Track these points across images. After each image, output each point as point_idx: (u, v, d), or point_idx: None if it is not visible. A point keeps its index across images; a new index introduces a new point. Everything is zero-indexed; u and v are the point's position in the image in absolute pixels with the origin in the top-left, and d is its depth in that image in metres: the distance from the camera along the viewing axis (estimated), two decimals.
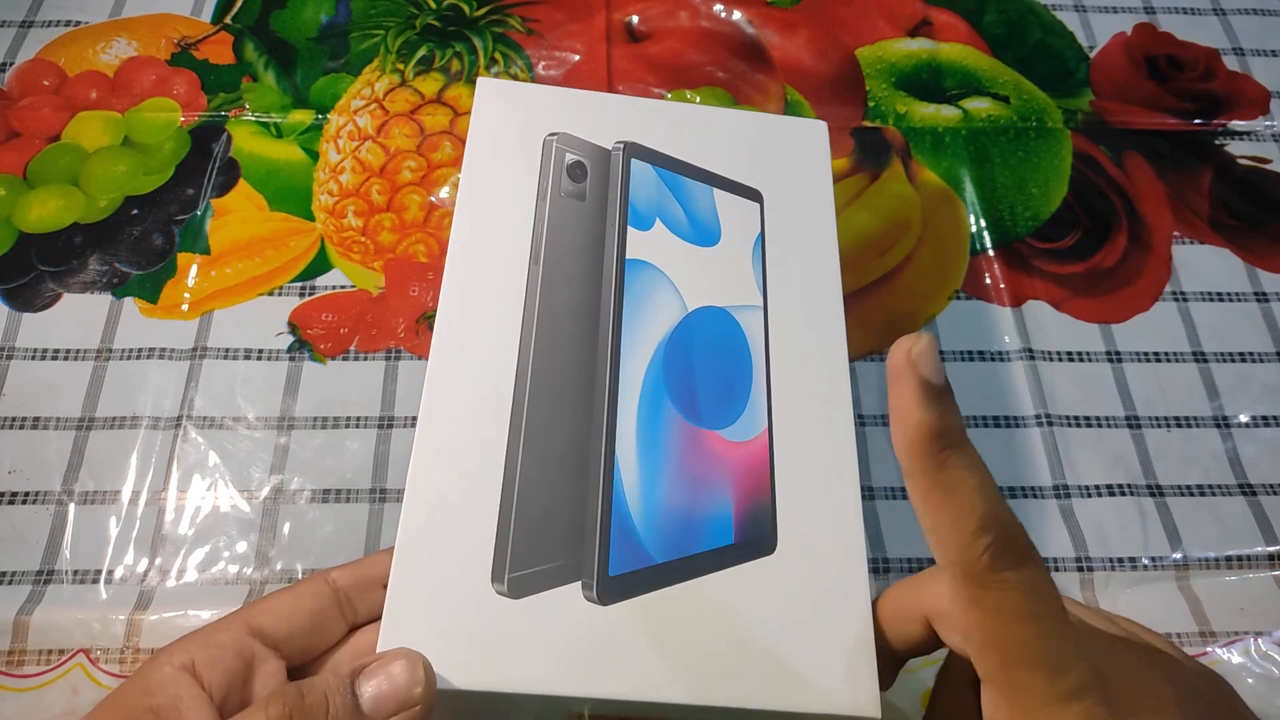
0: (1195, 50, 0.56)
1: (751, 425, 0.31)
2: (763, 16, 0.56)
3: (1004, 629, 0.23)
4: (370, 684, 0.25)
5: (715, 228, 0.34)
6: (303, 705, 0.24)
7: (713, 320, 0.32)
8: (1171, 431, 0.43)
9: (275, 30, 0.54)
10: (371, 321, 0.44)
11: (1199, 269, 0.48)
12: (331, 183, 0.48)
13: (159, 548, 0.38)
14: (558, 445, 0.29)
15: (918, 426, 0.23)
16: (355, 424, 0.42)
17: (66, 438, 0.41)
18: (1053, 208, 0.50)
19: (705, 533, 0.29)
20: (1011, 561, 0.22)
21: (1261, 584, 0.40)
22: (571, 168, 0.32)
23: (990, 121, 0.52)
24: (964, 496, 0.23)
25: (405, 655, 0.26)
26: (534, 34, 0.54)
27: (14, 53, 0.52)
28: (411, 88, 0.51)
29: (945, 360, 0.44)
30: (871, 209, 0.49)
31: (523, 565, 0.27)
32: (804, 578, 0.29)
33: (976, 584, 0.23)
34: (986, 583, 0.22)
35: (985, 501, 0.23)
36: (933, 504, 0.23)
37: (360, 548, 0.39)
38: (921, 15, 0.56)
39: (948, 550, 0.23)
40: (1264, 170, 0.52)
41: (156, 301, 0.44)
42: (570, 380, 0.30)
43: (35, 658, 0.36)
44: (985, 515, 0.22)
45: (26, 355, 0.43)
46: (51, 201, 0.47)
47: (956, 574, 0.23)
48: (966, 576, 0.23)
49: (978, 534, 0.22)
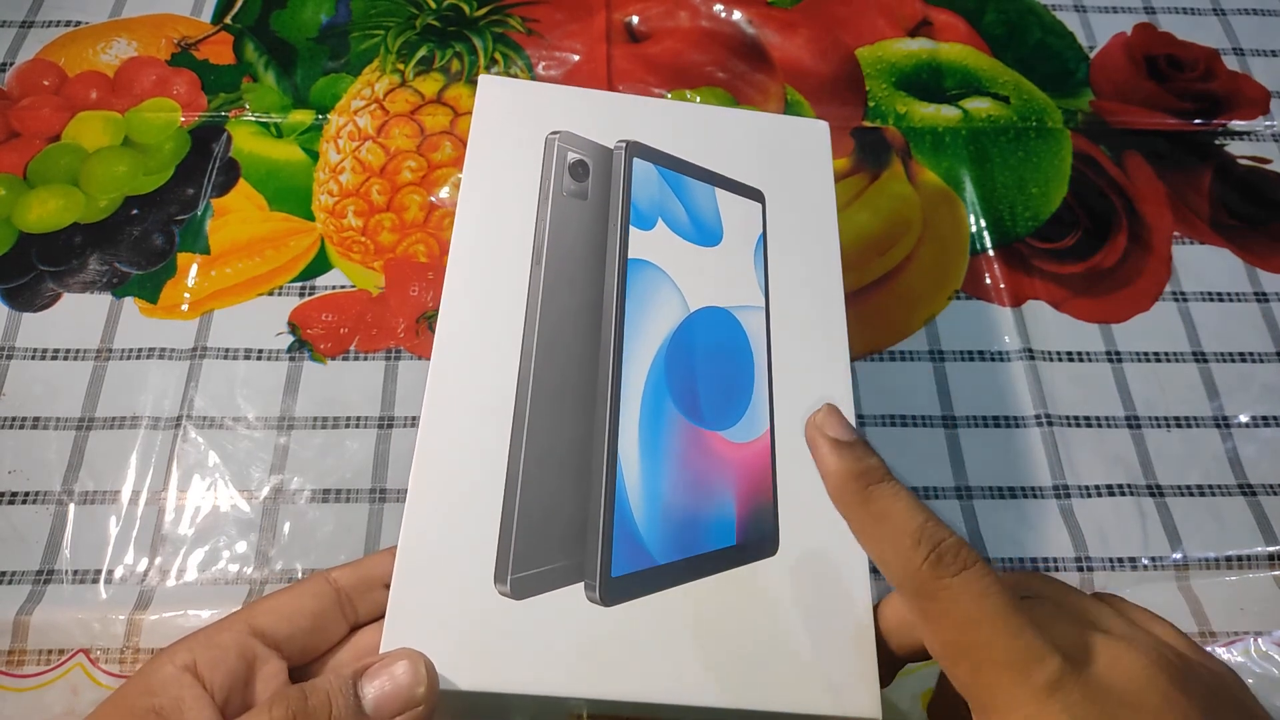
0: (1195, 50, 0.56)
1: (753, 426, 0.31)
2: (763, 16, 0.56)
3: (961, 636, 0.23)
4: (373, 685, 0.25)
5: (717, 228, 0.34)
6: (305, 707, 0.24)
7: (715, 321, 0.32)
8: (1171, 431, 0.43)
9: (275, 30, 0.54)
10: (371, 321, 0.44)
11: (1199, 269, 0.48)
12: (331, 183, 0.48)
13: (159, 548, 0.38)
14: (560, 446, 0.29)
15: (836, 475, 0.27)
16: (355, 424, 0.42)
17: (66, 438, 0.41)
18: (1053, 208, 0.50)
19: (707, 534, 0.29)
20: (953, 568, 0.24)
21: (1261, 584, 0.40)
22: (573, 166, 0.32)
23: (990, 121, 0.52)
24: (895, 521, 0.25)
25: (408, 655, 0.26)
26: (534, 34, 0.54)
27: (14, 53, 0.52)
28: (411, 88, 0.51)
29: (945, 360, 0.45)
30: (871, 209, 0.49)
31: (525, 566, 0.27)
32: (805, 579, 0.29)
33: (925, 596, 0.24)
34: (933, 593, 0.24)
35: (915, 519, 0.25)
36: (869, 536, 0.26)
37: (360, 547, 0.39)
38: (921, 15, 0.56)
39: (892, 572, 0.25)
40: (1264, 170, 0.52)
41: (156, 301, 0.44)
42: (572, 381, 0.30)
43: (35, 658, 0.36)
44: (916, 531, 0.25)
45: (26, 355, 0.43)
46: (51, 201, 0.47)
47: (906, 592, 0.25)
48: (915, 592, 0.24)
49: (913, 549, 0.24)
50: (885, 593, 0.28)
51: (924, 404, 0.43)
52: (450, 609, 0.27)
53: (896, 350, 0.45)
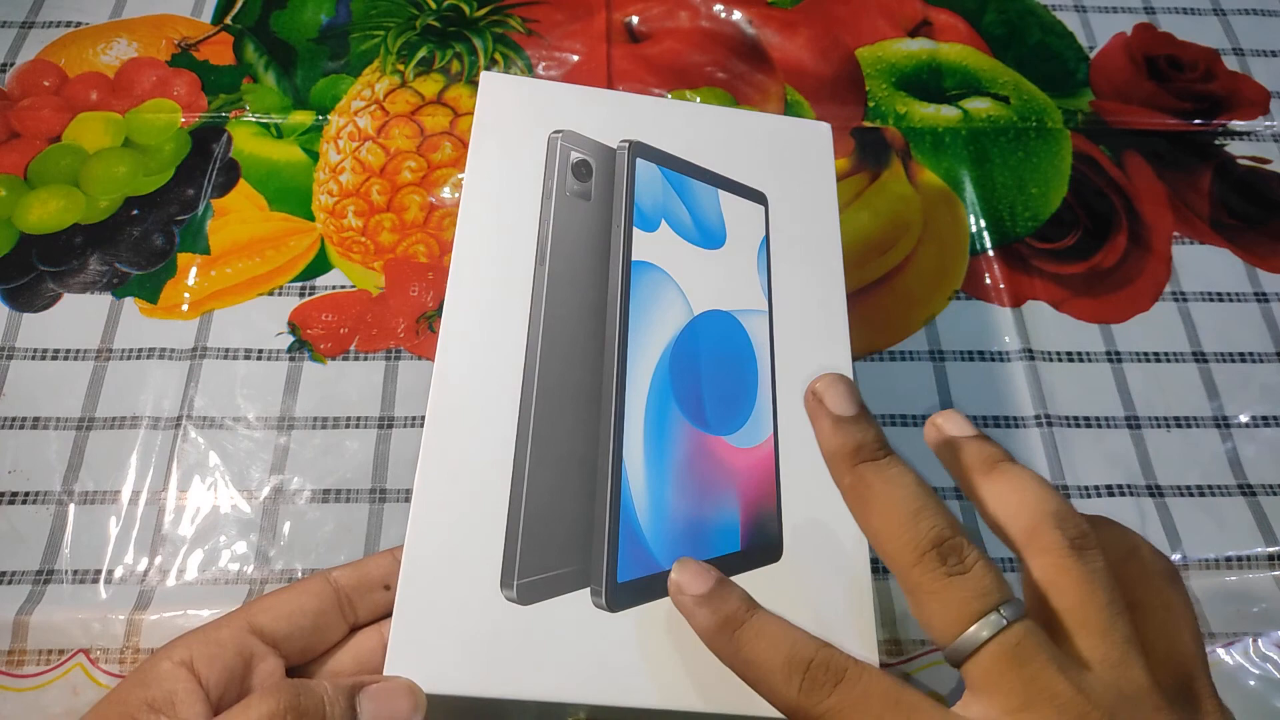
0: (1195, 50, 0.56)
1: (757, 431, 0.31)
2: (763, 17, 0.56)
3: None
4: (372, 705, 0.25)
5: (720, 230, 0.34)
6: (298, 704, 0.24)
7: (718, 325, 0.32)
8: (1171, 432, 0.43)
9: (275, 31, 0.54)
10: (371, 321, 0.44)
11: (1199, 269, 0.48)
12: (331, 183, 0.48)
13: (159, 548, 0.38)
14: (565, 450, 0.29)
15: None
16: (355, 424, 0.42)
17: (66, 438, 0.41)
18: (1053, 208, 0.50)
19: (712, 540, 0.29)
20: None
21: (1261, 584, 0.40)
22: (576, 166, 0.32)
23: (990, 122, 0.52)
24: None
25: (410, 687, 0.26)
26: (534, 34, 0.54)
27: (14, 53, 0.52)
28: (412, 89, 0.51)
29: (945, 360, 0.45)
30: (871, 209, 0.49)
31: (531, 571, 0.27)
32: (808, 585, 0.29)
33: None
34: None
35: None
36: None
37: (360, 548, 0.39)
38: (921, 15, 0.56)
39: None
40: (1264, 170, 0.52)
41: (156, 301, 0.44)
42: (577, 384, 0.30)
43: (35, 658, 0.36)
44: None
45: (26, 355, 0.43)
46: (52, 202, 0.47)
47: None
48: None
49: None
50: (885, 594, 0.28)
51: (924, 404, 0.43)
52: (456, 614, 0.27)
53: (896, 350, 0.45)
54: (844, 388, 0.28)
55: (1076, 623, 0.23)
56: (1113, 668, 0.23)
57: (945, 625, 0.24)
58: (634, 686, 0.26)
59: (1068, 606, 0.24)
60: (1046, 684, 0.22)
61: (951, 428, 0.28)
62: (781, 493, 0.30)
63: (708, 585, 0.26)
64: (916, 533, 0.24)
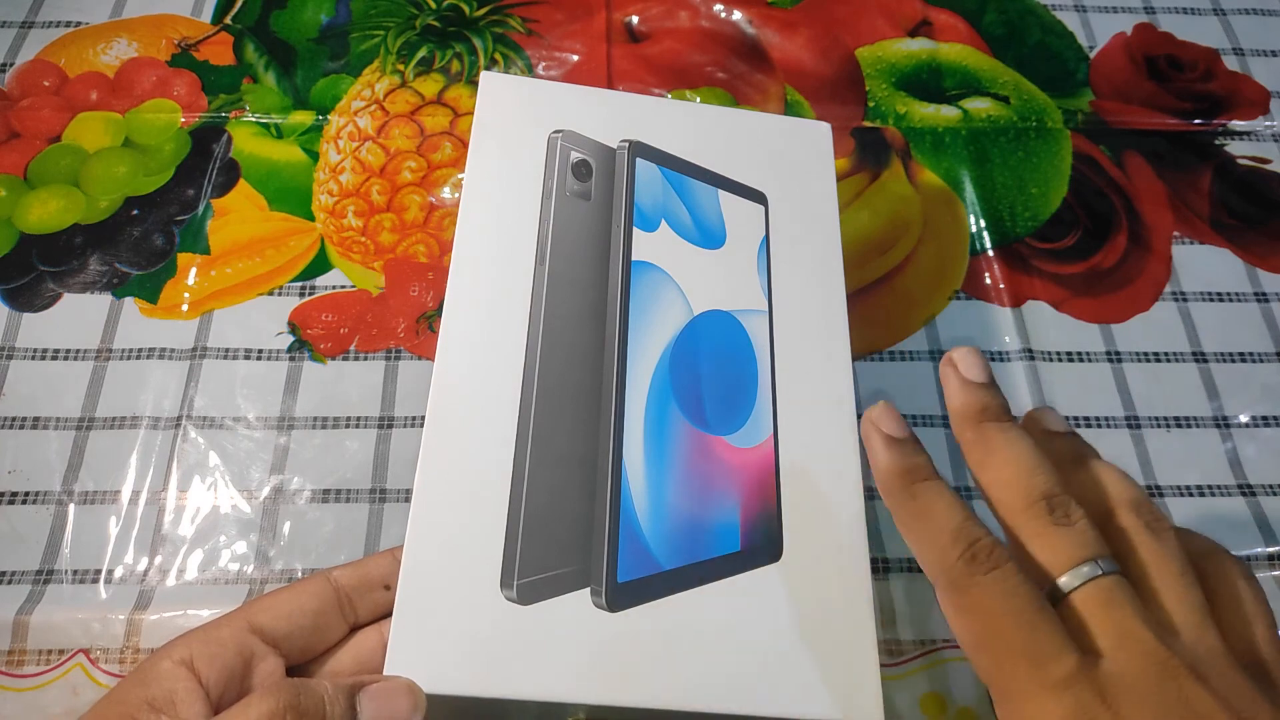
0: (1195, 50, 0.56)
1: (757, 432, 0.31)
2: (763, 17, 0.56)
3: (985, 628, 0.25)
4: (373, 704, 0.25)
5: (720, 230, 0.34)
6: (298, 704, 0.24)
7: (718, 325, 0.32)
8: (1171, 432, 0.43)
9: (275, 31, 0.54)
10: (371, 321, 0.44)
11: (1199, 269, 0.48)
12: (331, 183, 0.48)
13: (159, 547, 0.38)
14: (565, 450, 0.29)
15: (884, 470, 0.28)
16: (355, 424, 0.42)
17: (66, 438, 0.41)
18: (1053, 208, 0.50)
19: (712, 540, 0.29)
20: (985, 566, 0.25)
21: (1262, 584, 0.40)
22: (576, 166, 0.32)
23: (990, 122, 0.52)
24: (935, 518, 0.26)
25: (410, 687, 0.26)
26: (534, 34, 0.54)
27: (14, 53, 0.52)
28: (412, 89, 0.51)
29: None
30: (871, 209, 0.49)
31: (531, 571, 0.27)
32: (808, 585, 0.29)
33: (957, 590, 0.25)
34: (965, 587, 0.25)
35: (954, 519, 0.26)
36: (910, 530, 0.27)
37: (360, 548, 0.39)
38: (921, 15, 0.56)
39: (930, 567, 0.26)
40: (1264, 170, 0.52)
41: (156, 301, 0.44)
42: (577, 384, 0.30)
43: (35, 658, 0.36)
44: (955, 530, 0.26)
45: (26, 355, 0.43)
46: (52, 202, 0.47)
47: (940, 585, 0.26)
48: (949, 585, 0.25)
49: (950, 545, 0.26)
50: (885, 594, 0.28)
51: (924, 404, 0.43)
52: (456, 614, 0.27)
53: (896, 350, 0.45)
54: (977, 358, 0.30)
55: (1151, 590, 0.25)
56: (1191, 629, 0.24)
57: (1049, 566, 0.25)
58: (634, 686, 0.26)
59: (1142, 575, 0.25)
60: (1133, 629, 0.24)
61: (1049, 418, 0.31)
62: (781, 493, 0.30)
63: (904, 432, 0.29)
64: (1031, 484, 0.26)
